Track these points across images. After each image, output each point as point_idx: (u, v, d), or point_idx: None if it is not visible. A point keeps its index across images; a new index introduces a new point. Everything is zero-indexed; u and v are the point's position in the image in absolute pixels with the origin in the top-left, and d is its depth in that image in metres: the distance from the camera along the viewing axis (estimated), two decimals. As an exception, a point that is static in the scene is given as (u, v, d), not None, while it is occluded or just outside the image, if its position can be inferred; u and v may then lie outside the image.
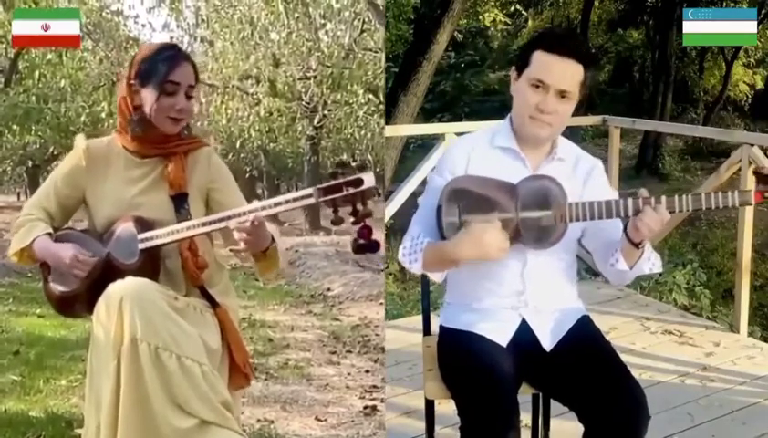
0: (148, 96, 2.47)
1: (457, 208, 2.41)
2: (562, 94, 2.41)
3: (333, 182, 2.15)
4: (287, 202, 2.23)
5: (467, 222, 2.38)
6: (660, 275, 6.82)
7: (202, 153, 2.61)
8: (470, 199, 2.42)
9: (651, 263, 2.44)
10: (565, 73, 2.41)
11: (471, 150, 2.56)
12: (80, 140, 2.61)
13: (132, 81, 2.50)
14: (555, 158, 2.54)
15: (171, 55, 2.50)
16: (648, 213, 2.26)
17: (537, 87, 2.41)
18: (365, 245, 2.20)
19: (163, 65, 2.47)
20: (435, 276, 2.57)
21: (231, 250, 2.36)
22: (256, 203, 2.31)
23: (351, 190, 2.14)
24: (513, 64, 2.54)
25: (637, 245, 2.33)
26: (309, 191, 2.20)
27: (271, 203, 2.26)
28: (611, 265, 2.40)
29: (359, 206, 2.15)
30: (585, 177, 2.56)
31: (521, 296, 2.54)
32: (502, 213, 2.39)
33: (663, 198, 2.29)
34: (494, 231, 2.31)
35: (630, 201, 2.32)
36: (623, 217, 2.35)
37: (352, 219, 2.16)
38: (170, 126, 2.50)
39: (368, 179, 2.13)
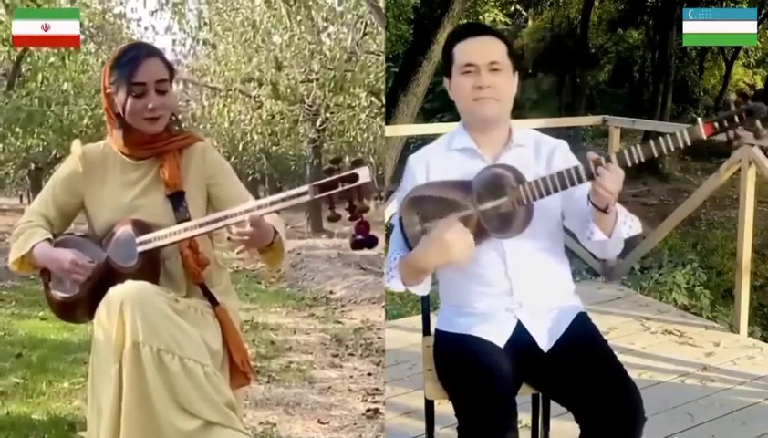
0: (120, 101, 2.48)
1: (417, 216, 2.44)
2: (492, 68, 2.46)
3: (329, 179, 2.16)
4: (284, 200, 2.24)
5: (429, 229, 2.39)
6: (660, 275, 6.83)
7: (197, 149, 2.61)
8: (427, 205, 2.44)
9: (628, 226, 2.37)
10: (485, 47, 2.50)
11: (428, 159, 2.59)
12: (76, 146, 2.62)
13: (108, 90, 2.52)
14: (513, 145, 2.55)
15: (132, 56, 2.49)
16: (603, 174, 2.21)
17: (468, 72, 2.47)
18: (363, 241, 2.21)
19: (126, 68, 2.46)
20: (418, 290, 2.57)
21: (237, 252, 2.36)
22: (252, 203, 2.32)
23: (347, 185, 2.14)
24: (444, 74, 2.61)
25: (604, 211, 2.29)
26: (305, 188, 2.20)
27: (267, 202, 2.27)
28: (588, 238, 2.36)
29: (356, 202, 2.16)
30: (548, 158, 2.56)
31: (512, 295, 2.53)
32: (461, 212, 2.40)
33: (613, 156, 2.25)
34: (454, 231, 2.31)
35: (581, 166, 2.29)
36: (579, 184, 2.31)
37: (349, 215, 2.17)
38: (148, 126, 2.50)
39: (364, 174, 2.14)
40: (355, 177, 2.14)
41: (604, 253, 2.49)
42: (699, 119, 2.26)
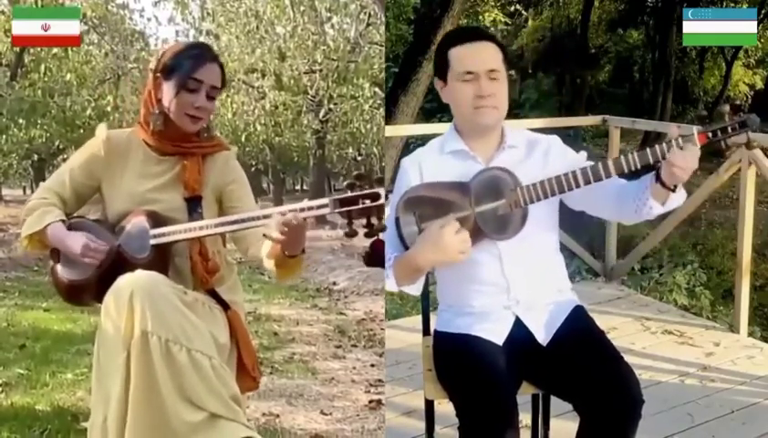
0: (168, 90, 2.49)
1: (413, 216, 2.44)
2: (492, 75, 2.46)
3: (350, 194, 2.15)
4: (303, 210, 2.22)
5: (425, 228, 2.39)
6: (660, 275, 6.85)
7: (221, 156, 2.63)
8: (425, 205, 2.45)
9: (680, 194, 2.38)
10: (485, 54, 2.48)
11: (420, 161, 2.59)
12: (101, 130, 2.62)
13: (158, 73, 2.52)
14: (506, 146, 2.56)
15: (198, 53, 2.53)
16: (676, 154, 2.23)
17: (468, 80, 2.46)
18: (378, 259, 2.22)
19: (188, 61, 2.49)
20: (411, 290, 2.55)
21: (268, 253, 2.35)
22: (272, 209, 2.32)
23: (368, 203, 2.14)
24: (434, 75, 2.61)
25: (672, 189, 2.31)
26: (325, 200, 2.20)
27: (286, 210, 2.25)
28: (646, 211, 2.37)
29: (374, 220, 2.16)
30: (543, 157, 2.57)
31: (509, 293, 2.55)
32: (458, 213, 2.41)
33: (610, 162, 2.34)
34: (451, 231, 2.30)
35: (579, 171, 2.35)
36: (576, 188, 2.36)
37: (366, 231, 2.17)
38: (188, 123, 2.51)
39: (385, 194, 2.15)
40: (377, 196, 2.14)
41: (642, 218, 2.47)
42: (694, 130, 2.30)
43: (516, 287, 2.55)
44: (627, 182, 2.48)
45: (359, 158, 17.19)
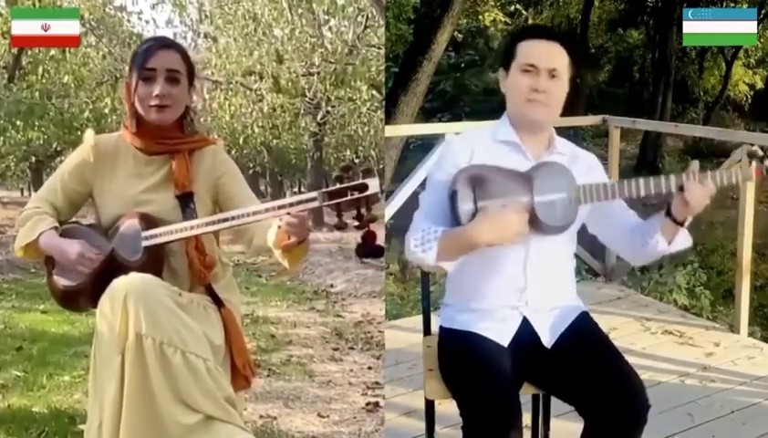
0: (132, 88, 2.49)
1: (473, 193, 2.42)
2: (552, 74, 2.47)
3: (338, 187, 2.15)
4: (291, 205, 2.23)
5: (484, 207, 2.38)
6: (660, 275, 6.83)
7: (209, 152, 2.62)
8: (485, 185, 2.43)
9: (686, 236, 2.52)
10: (551, 52, 2.50)
11: (474, 144, 2.57)
12: (89, 136, 2.61)
13: (128, 79, 2.54)
14: (555, 152, 2.57)
15: (147, 46, 2.53)
16: (696, 188, 2.37)
17: (528, 71, 2.48)
18: (369, 250, 2.21)
19: (140, 57, 2.50)
20: (447, 265, 2.51)
21: (281, 244, 2.35)
22: (261, 205, 2.32)
23: (356, 194, 2.13)
24: (500, 66, 2.63)
25: (681, 223, 2.44)
26: (314, 194, 2.20)
27: (275, 206, 2.26)
28: (652, 246, 2.49)
29: (364, 211, 2.15)
30: (584, 172, 2.58)
31: (522, 293, 2.55)
32: (518, 198, 2.41)
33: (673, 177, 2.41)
34: (515, 213, 2.32)
35: (642, 181, 2.43)
36: (635, 198, 2.46)
37: (356, 223, 2.16)
38: (153, 114, 2.49)
39: (373, 184, 2.13)
40: (364, 187, 2.13)
41: (648, 259, 2.65)
42: (753, 164, 2.47)
43: (531, 289, 2.55)
44: (641, 220, 2.60)
45: (357, 160, 17.23)
